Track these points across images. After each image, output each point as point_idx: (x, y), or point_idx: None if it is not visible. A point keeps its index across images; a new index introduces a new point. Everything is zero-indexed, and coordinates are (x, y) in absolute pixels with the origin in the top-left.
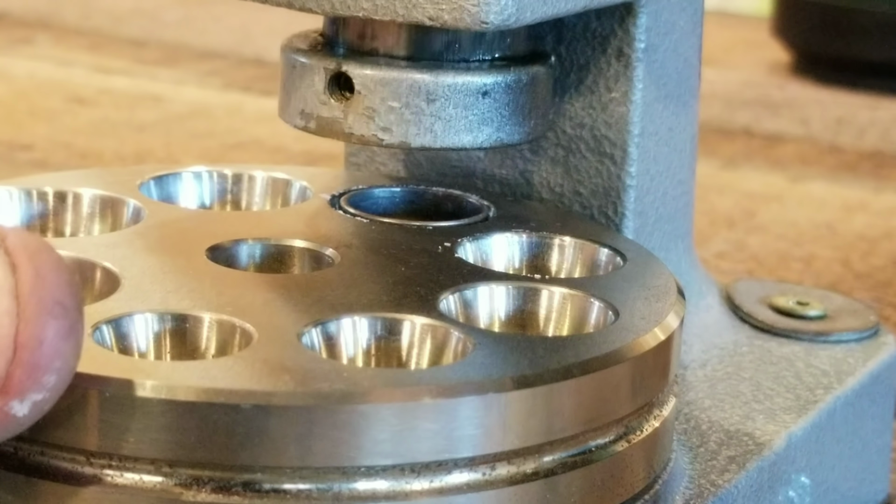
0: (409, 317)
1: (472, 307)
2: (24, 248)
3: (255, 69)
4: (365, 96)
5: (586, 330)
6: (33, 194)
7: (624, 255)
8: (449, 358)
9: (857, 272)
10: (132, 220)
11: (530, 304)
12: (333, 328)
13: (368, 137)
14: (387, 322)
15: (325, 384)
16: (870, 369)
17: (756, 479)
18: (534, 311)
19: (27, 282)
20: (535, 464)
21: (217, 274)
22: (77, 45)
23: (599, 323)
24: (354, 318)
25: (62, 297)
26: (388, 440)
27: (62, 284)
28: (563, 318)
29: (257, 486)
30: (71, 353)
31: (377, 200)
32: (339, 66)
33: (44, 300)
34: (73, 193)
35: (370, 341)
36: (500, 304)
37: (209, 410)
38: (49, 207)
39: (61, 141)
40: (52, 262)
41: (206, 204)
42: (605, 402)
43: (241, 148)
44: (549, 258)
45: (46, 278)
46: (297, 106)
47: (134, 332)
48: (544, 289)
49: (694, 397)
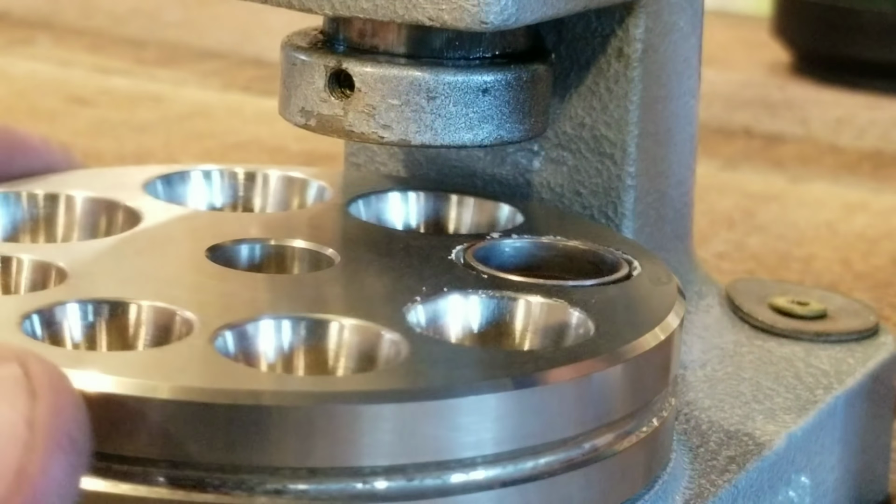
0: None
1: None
2: (48, 378)
3: (255, 69)
4: (365, 94)
5: (582, 331)
6: (23, 196)
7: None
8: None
9: (856, 272)
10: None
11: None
12: (251, 329)
13: (369, 135)
14: (311, 323)
15: (325, 385)
16: (870, 369)
17: (756, 480)
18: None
19: (44, 413)
20: (535, 464)
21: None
22: (77, 45)
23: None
24: (272, 320)
25: (75, 434)
26: (387, 441)
27: (77, 421)
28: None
29: (257, 486)
30: (72, 489)
31: (503, 254)
32: (339, 64)
33: (57, 435)
34: (66, 196)
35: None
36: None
37: (208, 410)
38: (39, 211)
39: (61, 141)
40: (71, 397)
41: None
42: (605, 402)
43: (242, 148)
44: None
45: (64, 411)
46: (297, 103)
47: (66, 322)
48: (521, 298)
49: (694, 397)
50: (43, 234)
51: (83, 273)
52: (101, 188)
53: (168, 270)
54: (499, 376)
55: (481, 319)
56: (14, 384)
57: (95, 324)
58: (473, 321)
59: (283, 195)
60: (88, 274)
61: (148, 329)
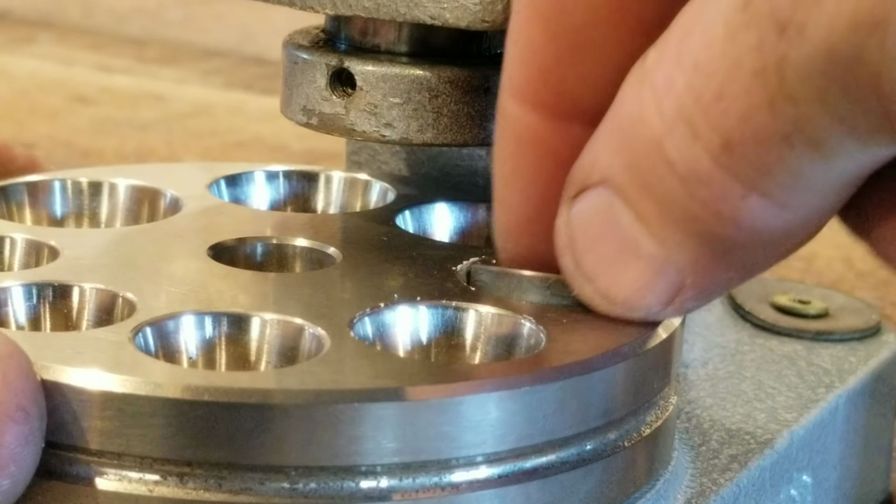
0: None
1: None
2: None
3: (257, 68)
4: (367, 92)
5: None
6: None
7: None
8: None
9: (858, 271)
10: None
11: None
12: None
13: (370, 133)
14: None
15: (322, 382)
16: (871, 368)
17: (758, 478)
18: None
19: None
20: (537, 462)
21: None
22: (79, 43)
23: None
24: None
25: (26, 404)
26: (389, 439)
27: (27, 391)
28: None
29: (259, 485)
30: (28, 459)
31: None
32: (340, 63)
33: (6, 405)
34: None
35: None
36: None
37: (210, 409)
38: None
39: (63, 140)
40: (19, 368)
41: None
42: (607, 400)
43: (243, 146)
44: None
45: (13, 384)
46: (299, 102)
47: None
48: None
49: (695, 396)
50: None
51: (72, 258)
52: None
53: (165, 262)
54: (500, 375)
55: (430, 328)
56: None
57: (38, 307)
58: (422, 332)
59: (347, 196)
60: (77, 259)
61: (91, 311)
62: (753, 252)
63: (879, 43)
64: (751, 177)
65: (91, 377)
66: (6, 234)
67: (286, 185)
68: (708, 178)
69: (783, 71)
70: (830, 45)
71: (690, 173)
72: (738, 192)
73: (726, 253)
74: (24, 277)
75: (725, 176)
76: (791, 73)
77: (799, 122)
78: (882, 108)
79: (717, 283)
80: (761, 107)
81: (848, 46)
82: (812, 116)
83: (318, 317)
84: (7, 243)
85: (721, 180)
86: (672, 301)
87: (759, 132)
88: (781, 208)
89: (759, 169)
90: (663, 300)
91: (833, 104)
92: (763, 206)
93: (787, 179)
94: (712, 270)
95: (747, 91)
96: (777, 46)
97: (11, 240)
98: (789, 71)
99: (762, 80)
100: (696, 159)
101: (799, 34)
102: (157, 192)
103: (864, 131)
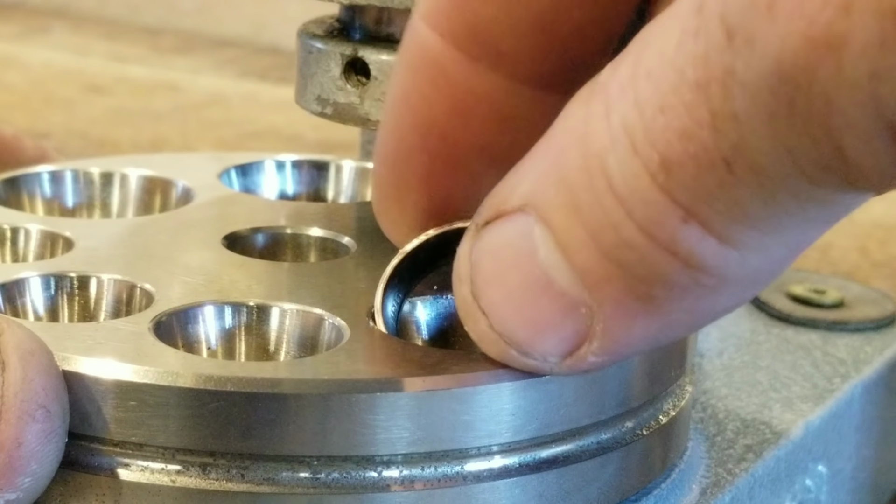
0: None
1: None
2: (17, 347)
3: (271, 57)
4: (381, 82)
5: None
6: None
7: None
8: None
9: (874, 260)
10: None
11: None
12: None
13: None
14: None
15: (342, 372)
16: (887, 358)
17: (773, 468)
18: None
19: (14, 383)
20: (552, 452)
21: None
22: (93, 33)
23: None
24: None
25: (47, 402)
26: (404, 429)
27: (49, 389)
28: None
29: (281, 474)
30: (50, 456)
31: None
32: (355, 52)
33: (28, 403)
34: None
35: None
36: None
37: (231, 399)
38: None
39: (77, 129)
40: (42, 366)
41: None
42: (622, 390)
43: (258, 136)
44: None
45: (34, 381)
46: (313, 91)
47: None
48: None
49: (711, 386)
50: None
51: (88, 249)
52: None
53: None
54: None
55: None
56: None
57: (57, 297)
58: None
59: (358, 186)
60: (92, 249)
61: (109, 302)
62: (681, 298)
63: (836, 65)
64: (689, 202)
65: (112, 367)
66: (20, 225)
67: (297, 175)
68: (646, 198)
69: (728, 86)
70: (781, 60)
71: (629, 191)
72: (677, 216)
73: (651, 298)
74: (42, 268)
75: (664, 197)
76: (737, 88)
77: (741, 146)
78: (832, 143)
79: (629, 337)
80: (702, 124)
81: (800, 65)
82: (756, 141)
83: (335, 307)
84: (21, 234)
85: (659, 201)
86: (573, 352)
87: (698, 153)
88: (721, 243)
89: (697, 194)
90: (564, 349)
91: (780, 130)
92: (700, 238)
93: (727, 209)
94: (629, 318)
95: (689, 105)
96: (724, 56)
97: (26, 230)
98: (735, 86)
99: (706, 94)
100: (636, 176)
101: (748, 45)
102: (169, 183)
103: (813, 168)
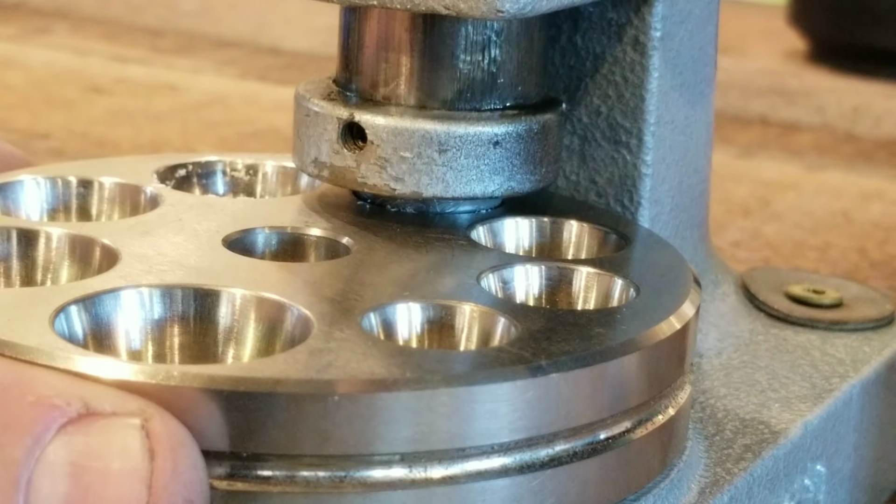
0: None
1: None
2: (168, 437)
3: (272, 58)
4: (377, 146)
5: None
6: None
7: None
8: (465, 344)
9: (872, 261)
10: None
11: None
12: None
13: (381, 187)
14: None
15: (342, 372)
16: (885, 358)
17: (771, 468)
18: (566, 291)
19: (163, 474)
20: (551, 452)
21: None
22: (94, 34)
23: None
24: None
25: (193, 496)
26: (403, 428)
27: (196, 483)
28: (589, 301)
29: (272, 474)
30: None
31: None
32: (351, 116)
33: (175, 496)
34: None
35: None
36: (534, 283)
37: (223, 397)
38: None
39: (78, 130)
40: (191, 459)
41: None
42: (621, 390)
43: (258, 137)
44: (561, 244)
45: (183, 475)
46: (310, 154)
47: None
48: (572, 268)
49: (709, 386)
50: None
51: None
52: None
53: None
54: (514, 364)
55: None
56: (133, 441)
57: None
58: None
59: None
60: (147, 258)
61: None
62: None
63: None
64: None
65: (112, 367)
66: (40, 229)
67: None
68: None
69: None
70: None
71: None
72: None
73: None
74: (149, 280)
75: None
76: None
77: None
78: None
79: None
80: None
81: None
82: None
83: (334, 306)
84: (42, 238)
85: None
86: None
87: None
88: None
89: None
90: None
91: None
92: None
93: None
94: None
95: None
96: None
97: (47, 234)
98: None
99: None
100: None
101: None
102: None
103: None
